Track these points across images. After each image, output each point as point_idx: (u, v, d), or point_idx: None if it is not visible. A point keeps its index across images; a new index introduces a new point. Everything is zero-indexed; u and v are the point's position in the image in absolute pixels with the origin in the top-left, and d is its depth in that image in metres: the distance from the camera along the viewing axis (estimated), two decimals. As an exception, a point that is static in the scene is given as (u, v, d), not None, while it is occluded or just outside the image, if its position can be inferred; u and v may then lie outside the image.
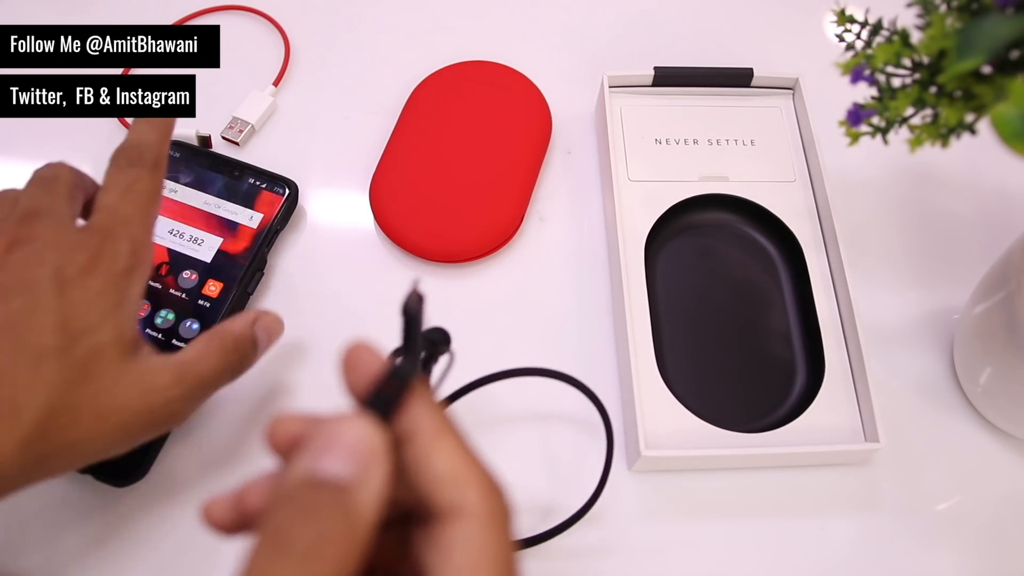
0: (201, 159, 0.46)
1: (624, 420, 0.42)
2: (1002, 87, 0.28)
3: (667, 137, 0.48)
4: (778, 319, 0.44)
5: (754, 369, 0.43)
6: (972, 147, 0.35)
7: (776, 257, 0.46)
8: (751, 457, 0.40)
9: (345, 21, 0.55)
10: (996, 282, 0.39)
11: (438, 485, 0.22)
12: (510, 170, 0.47)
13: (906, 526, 0.40)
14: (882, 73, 0.33)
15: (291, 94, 0.52)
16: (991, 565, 0.40)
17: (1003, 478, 0.42)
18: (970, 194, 0.50)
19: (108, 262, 0.32)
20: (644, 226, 0.45)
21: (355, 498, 0.21)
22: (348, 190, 0.48)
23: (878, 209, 0.49)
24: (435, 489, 0.22)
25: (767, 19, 0.56)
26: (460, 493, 0.22)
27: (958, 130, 0.31)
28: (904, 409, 0.43)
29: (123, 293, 0.32)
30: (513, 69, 0.51)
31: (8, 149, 0.49)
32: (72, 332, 0.30)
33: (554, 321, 0.45)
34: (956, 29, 0.30)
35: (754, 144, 0.48)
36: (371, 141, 0.49)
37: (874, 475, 0.41)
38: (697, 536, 0.40)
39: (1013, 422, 0.41)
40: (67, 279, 0.31)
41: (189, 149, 0.47)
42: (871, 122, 0.34)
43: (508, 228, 0.46)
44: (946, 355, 0.45)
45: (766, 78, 0.49)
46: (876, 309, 0.45)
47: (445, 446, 0.23)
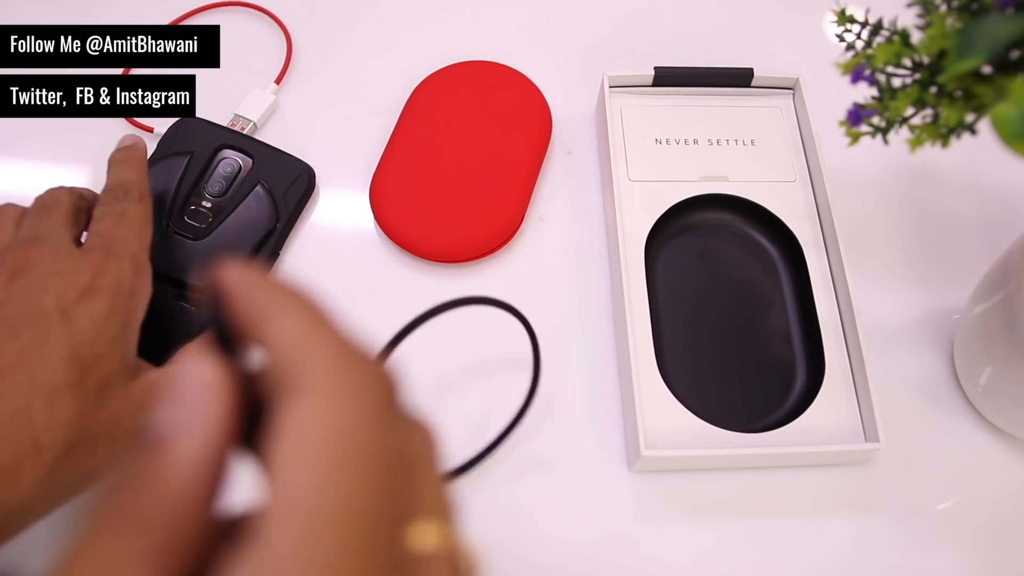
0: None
1: (624, 420, 0.42)
2: (1002, 87, 0.28)
3: (667, 137, 0.48)
4: (778, 319, 0.44)
5: (754, 369, 0.43)
6: (972, 147, 0.35)
7: (776, 257, 0.46)
8: (751, 457, 0.40)
9: (347, 20, 0.55)
10: (996, 282, 0.39)
11: (272, 364, 0.18)
12: (510, 170, 0.47)
13: (906, 526, 0.40)
14: (882, 73, 0.33)
15: (292, 93, 0.52)
16: (991, 565, 0.40)
17: (1003, 478, 0.42)
18: (970, 194, 0.50)
19: (112, 280, 0.32)
20: (644, 226, 0.45)
21: (170, 457, 0.17)
22: (348, 190, 0.48)
23: (878, 209, 0.49)
24: (270, 370, 0.18)
25: (767, 19, 0.56)
26: (294, 366, 0.17)
27: (958, 130, 0.31)
28: (904, 409, 0.43)
29: (127, 318, 0.33)
30: (513, 69, 0.51)
31: (8, 149, 0.49)
32: (83, 364, 0.30)
33: (554, 321, 0.45)
34: (956, 29, 0.30)
35: (754, 144, 0.48)
36: (371, 141, 0.49)
37: (874, 475, 0.41)
38: (697, 536, 0.40)
39: (1013, 422, 0.41)
40: (71, 305, 0.31)
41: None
42: (871, 122, 0.34)
43: (508, 228, 0.46)
44: (946, 355, 0.45)
45: (766, 78, 0.49)
46: (876, 309, 0.45)
47: (277, 318, 0.18)
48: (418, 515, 0.18)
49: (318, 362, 0.17)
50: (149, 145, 0.46)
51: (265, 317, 0.18)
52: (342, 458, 0.16)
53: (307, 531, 0.15)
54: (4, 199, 0.47)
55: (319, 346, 0.17)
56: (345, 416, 0.17)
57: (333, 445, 0.16)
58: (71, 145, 0.49)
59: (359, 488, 0.16)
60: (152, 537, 0.16)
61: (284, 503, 0.16)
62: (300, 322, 0.18)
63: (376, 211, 0.46)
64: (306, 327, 0.18)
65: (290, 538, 0.15)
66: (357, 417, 0.17)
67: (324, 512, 0.15)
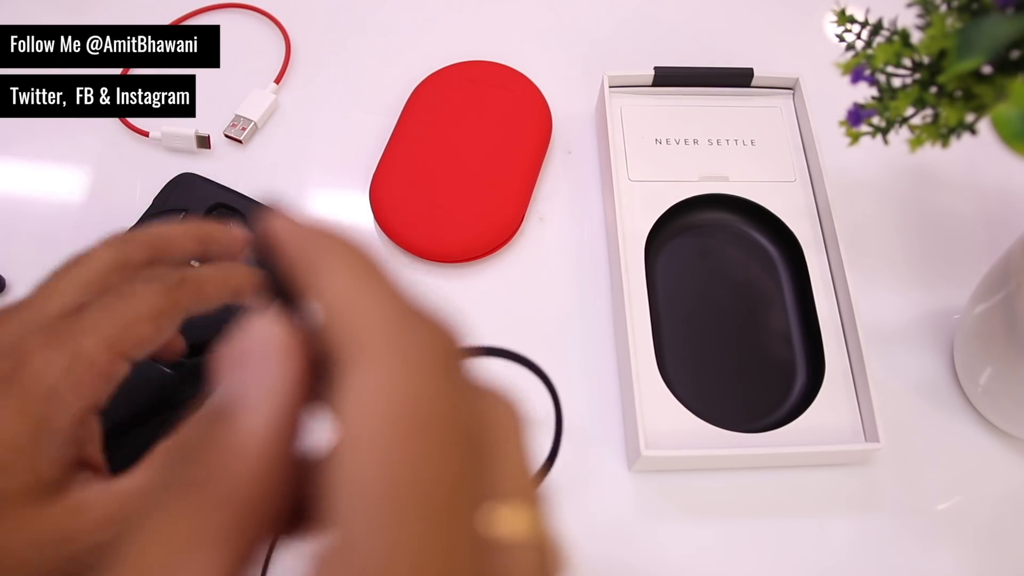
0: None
1: (624, 420, 0.42)
2: (1002, 87, 0.28)
3: (667, 137, 0.48)
4: (778, 319, 0.44)
5: (754, 369, 0.43)
6: (972, 147, 0.35)
7: (776, 257, 0.46)
8: (751, 457, 0.40)
9: (345, 20, 0.55)
10: (996, 282, 0.39)
11: (327, 323, 0.16)
12: (510, 170, 0.47)
13: (906, 526, 0.40)
14: (882, 73, 0.33)
15: (292, 93, 0.52)
16: (991, 565, 0.40)
17: (1003, 478, 0.42)
18: (970, 194, 0.50)
19: (31, 372, 0.25)
20: (644, 226, 0.45)
21: (241, 427, 0.16)
22: (348, 190, 0.48)
23: (878, 209, 0.49)
24: (326, 329, 0.16)
25: (767, 19, 0.56)
26: (349, 328, 0.16)
27: (958, 130, 0.31)
28: (904, 409, 0.43)
29: (39, 423, 0.25)
30: (513, 69, 0.51)
31: (8, 149, 0.49)
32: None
33: (554, 321, 0.45)
34: (956, 29, 0.30)
35: (754, 144, 0.48)
36: (371, 141, 0.49)
37: (874, 475, 0.41)
38: (697, 536, 0.40)
39: (1013, 422, 0.41)
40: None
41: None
42: (871, 122, 0.34)
43: (508, 228, 0.46)
44: (946, 355, 0.45)
45: (766, 78, 0.49)
46: (876, 309, 0.45)
47: (328, 271, 0.17)
48: (501, 497, 0.16)
49: (373, 324, 0.16)
50: (145, 199, 0.45)
51: (316, 270, 0.17)
52: (408, 433, 0.15)
53: (382, 516, 0.14)
54: (4, 199, 0.47)
55: (373, 305, 0.16)
56: (408, 385, 0.15)
57: (396, 418, 0.15)
58: (71, 145, 0.49)
59: (431, 464, 0.15)
60: (225, 512, 0.15)
61: (354, 487, 0.15)
62: (351, 278, 0.17)
63: (376, 211, 0.46)
64: (358, 283, 0.16)
65: (367, 525, 0.14)
66: (420, 386, 0.15)
67: (396, 496, 0.14)
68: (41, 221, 0.47)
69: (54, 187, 0.48)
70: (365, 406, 0.15)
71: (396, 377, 0.15)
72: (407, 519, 0.14)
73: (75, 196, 0.47)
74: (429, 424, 0.15)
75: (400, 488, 0.14)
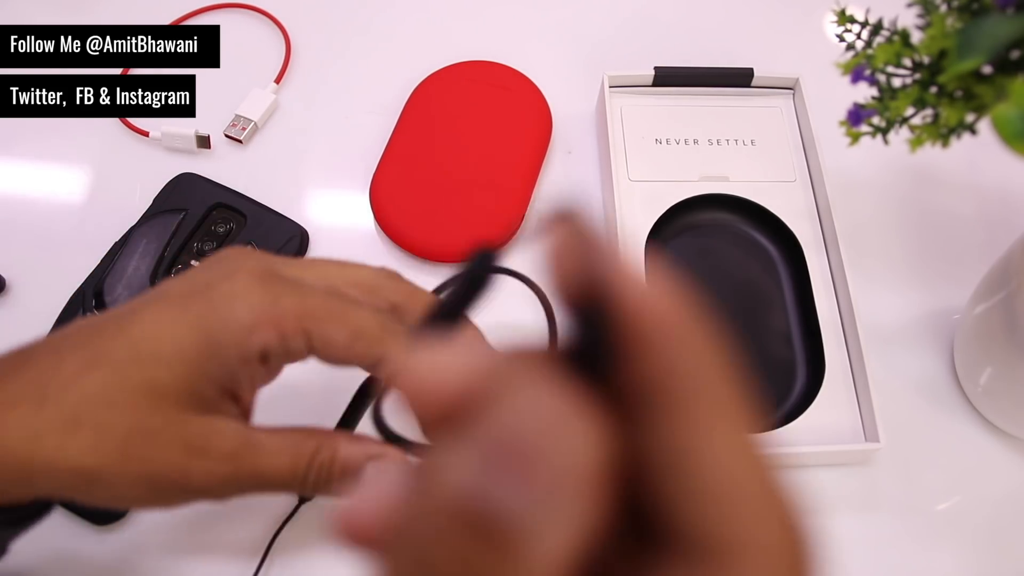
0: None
1: (624, 420, 0.42)
2: (1002, 87, 0.28)
3: (667, 137, 0.48)
4: (778, 319, 0.44)
5: (754, 369, 0.43)
6: (972, 147, 0.35)
7: (776, 257, 0.46)
8: (751, 457, 0.40)
9: (345, 20, 0.55)
10: (996, 282, 0.39)
11: (700, 503, 0.14)
12: (510, 170, 0.47)
13: (906, 526, 0.40)
14: (882, 73, 0.33)
15: (293, 93, 0.52)
16: (991, 565, 0.40)
17: (1003, 478, 0.42)
18: (970, 194, 0.50)
19: (221, 298, 0.27)
20: (644, 226, 0.45)
21: (532, 551, 0.12)
22: (348, 190, 0.48)
23: (878, 209, 0.49)
24: (695, 508, 0.14)
25: (767, 19, 0.56)
26: (740, 520, 0.14)
27: (958, 130, 0.31)
28: (904, 409, 0.43)
29: (211, 343, 0.27)
30: (513, 69, 0.51)
31: (8, 149, 0.49)
32: (144, 360, 0.26)
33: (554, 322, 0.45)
34: (956, 29, 0.30)
35: (754, 144, 0.48)
36: (371, 141, 0.49)
37: (874, 475, 0.41)
38: (697, 536, 0.40)
39: (1013, 422, 0.41)
40: (144, 305, 0.28)
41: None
42: (871, 122, 0.34)
43: (508, 228, 0.46)
44: (946, 355, 0.45)
45: (766, 78, 0.49)
46: (876, 309, 0.45)
47: (715, 440, 0.14)
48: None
49: (762, 513, 0.13)
50: (145, 199, 0.45)
51: (704, 419, 0.14)
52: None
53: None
54: (4, 199, 0.47)
55: (759, 489, 0.13)
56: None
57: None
58: (71, 145, 0.49)
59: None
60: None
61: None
62: (737, 445, 0.14)
63: (376, 211, 0.46)
64: (743, 457, 0.14)
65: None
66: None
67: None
68: (41, 221, 0.47)
69: (54, 187, 0.48)
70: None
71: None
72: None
73: (75, 196, 0.47)
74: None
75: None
